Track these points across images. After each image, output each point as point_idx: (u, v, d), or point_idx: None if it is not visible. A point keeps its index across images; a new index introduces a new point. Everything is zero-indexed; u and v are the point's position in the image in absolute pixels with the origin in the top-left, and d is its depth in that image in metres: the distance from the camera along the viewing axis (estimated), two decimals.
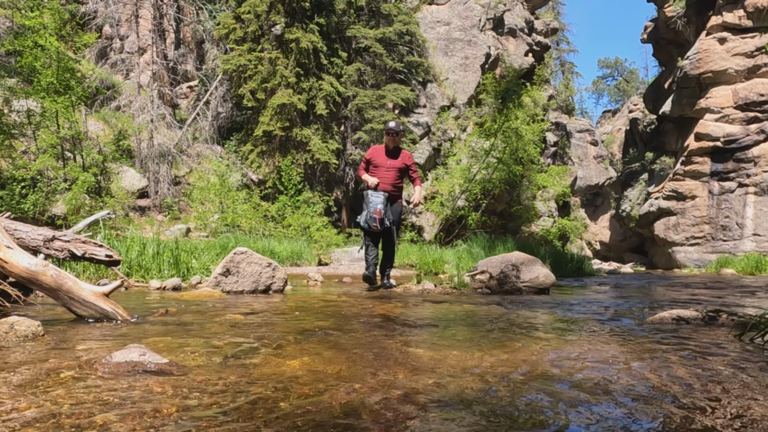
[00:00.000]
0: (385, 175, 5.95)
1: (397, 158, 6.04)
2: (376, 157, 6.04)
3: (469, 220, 16.85)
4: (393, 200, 6.01)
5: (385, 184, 5.94)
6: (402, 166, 6.04)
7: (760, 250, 21.84)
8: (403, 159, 6.07)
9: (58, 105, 10.79)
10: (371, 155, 6.09)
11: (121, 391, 1.56)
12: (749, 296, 6.59)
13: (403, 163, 6.05)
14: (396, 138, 6.04)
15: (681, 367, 2.10)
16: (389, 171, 5.97)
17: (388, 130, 6.02)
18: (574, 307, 4.58)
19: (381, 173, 5.96)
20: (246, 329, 2.79)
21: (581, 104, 61.95)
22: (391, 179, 5.99)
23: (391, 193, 5.94)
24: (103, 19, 18.89)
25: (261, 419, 1.36)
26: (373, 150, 6.17)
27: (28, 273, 2.96)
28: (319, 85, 16.79)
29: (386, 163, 5.98)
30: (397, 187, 6.08)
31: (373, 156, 6.08)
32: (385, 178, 5.96)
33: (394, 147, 6.08)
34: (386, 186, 5.93)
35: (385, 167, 5.96)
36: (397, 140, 6.07)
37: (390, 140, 6.03)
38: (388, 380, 1.79)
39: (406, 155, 6.15)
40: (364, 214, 5.75)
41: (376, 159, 6.02)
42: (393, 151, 6.08)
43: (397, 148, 6.12)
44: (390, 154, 6.06)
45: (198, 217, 14.42)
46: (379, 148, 6.14)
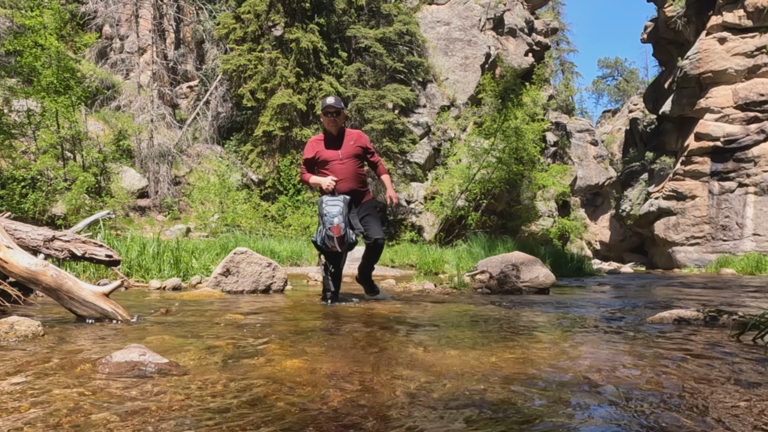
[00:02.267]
0: (341, 170, 4.44)
1: (346, 143, 4.55)
2: (321, 152, 4.50)
3: (469, 220, 16.85)
4: (359, 199, 4.54)
5: (346, 181, 4.42)
6: (358, 151, 4.55)
7: (760, 250, 21.84)
8: (355, 141, 4.57)
9: (58, 105, 10.80)
10: (312, 151, 4.53)
11: (121, 391, 1.56)
12: (749, 296, 6.59)
13: (357, 146, 4.55)
14: (338, 118, 4.48)
15: (681, 367, 2.10)
16: (344, 163, 4.46)
17: (325, 109, 4.43)
18: (574, 307, 4.58)
19: (336, 168, 4.44)
20: (246, 329, 2.79)
21: (581, 104, 61.98)
22: (351, 172, 4.48)
23: (355, 191, 4.49)
24: (103, 19, 18.88)
25: (261, 419, 1.36)
26: (312, 144, 4.57)
27: (28, 273, 2.96)
28: (319, 85, 16.79)
29: (337, 155, 4.47)
30: (362, 181, 4.61)
31: (315, 152, 4.52)
32: (344, 174, 4.43)
33: (338, 131, 4.54)
34: (348, 184, 4.42)
35: (338, 160, 4.46)
36: (339, 121, 4.50)
37: (330, 122, 4.47)
38: (388, 380, 1.79)
39: (355, 135, 4.63)
40: (321, 231, 4.22)
41: (322, 153, 4.49)
42: (338, 137, 4.54)
43: (341, 131, 4.58)
44: (336, 141, 4.52)
45: (198, 217, 14.43)
46: (317, 140, 4.59)
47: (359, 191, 4.55)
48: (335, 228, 4.12)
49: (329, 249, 4.23)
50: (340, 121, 4.54)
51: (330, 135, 4.54)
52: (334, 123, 4.49)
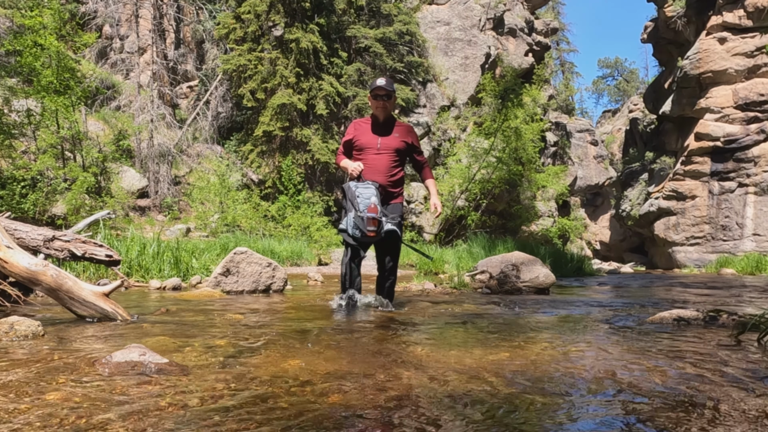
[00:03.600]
0: (374, 161, 3.92)
1: (391, 134, 4.00)
2: (360, 135, 4.02)
3: (469, 220, 16.85)
4: (388, 199, 3.97)
5: (376, 173, 3.89)
6: (401, 146, 3.98)
7: (760, 250, 21.84)
8: (401, 135, 4.01)
9: (58, 105, 10.79)
10: (353, 133, 4.07)
11: (121, 391, 1.56)
12: (750, 296, 6.59)
13: (402, 141, 3.99)
14: (388, 103, 3.96)
15: (680, 367, 2.10)
16: (380, 155, 3.92)
17: (374, 91, 3.92)
18: (574, 307, 4.58)
19: (369, 158, 3.94)
20: (246, 329, 2.79)
21: (581, 104, 61.98)
22: (385, 167, 3.92)
23: (385, 188, 3.92)
24: (103, 19, 18.88)
25: (261, 418, 1.36)
26: (356, 126, 4.13)
27: (28, 273, 2.96)
28: (319, 85, 16.79)
29: (375, 143, 3.95)
30: (394, 181, 3.99)
31: (356, 134, 4.05)
32: (376, 166, 3.91)
33: (385, 118, 4.00)
34: (377, 176, 3.89)
35: (375, 149, 3.94)
36: (389, 106, 3.99)
37: (378, 107, 3.94)
38: (388, 379, 1.79)
39: (405, 129, 4.10)
40: (350, 216, 3.75)
41: (361, 138, 4.00)
42: (385, 125, 4.01)
43: (390, 119, 4.06)
44: (380, 128, 4.00)
45: (198, 217, 14.43)
46: (362, 123, 4.14)
47: (389, 190, 3.94)
48: (372, 207, 3.60)
49: (363, 236, 3.68)
50: (391, 106, 4.02)
51: (376, 120, 4.03)
52: (383, 108, 3.96)
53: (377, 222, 3.62)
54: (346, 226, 3.77)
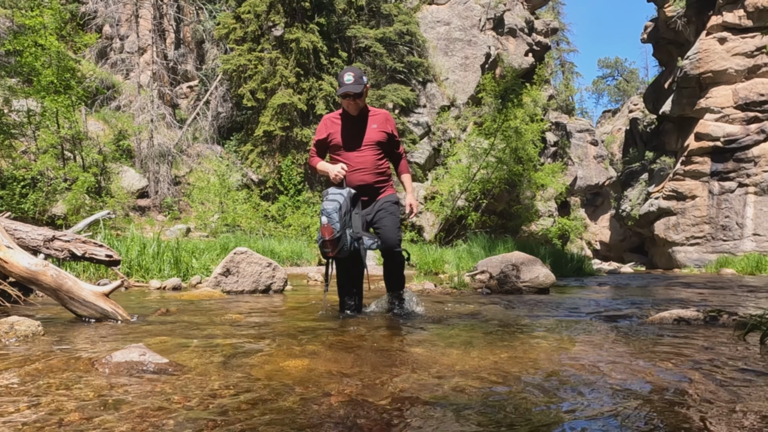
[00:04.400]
0: (359, 159, 3.57)
1: (368, 126, 3.62)
2: (335, 134, 3.63)
3: (469, 219, 16.85)
4: (374, 194, 3.63)
5: (362, 173, 3.55)
6: (383, 138, 3.62)
7: (760, 250, 21.84)
8: (379, 125, 3.63)
9: (58, 105, 10.80)
10: (324, 131, 3.68)
11: (121, 391, 1.56)
12: (750, 296, 6.59)
13: (381, 132, 3.62)
14: (359, 101, 3.55)
15: (680, 367, 2.10)
16: (363, 152, 3.58)
17: (343, 94, 3.51)
18: (574, 307, 4.58)
19: (352, 158, 3.58)
20: (246, 329, 2.79)
21: (581, 104, 61.99)
22: (371, 164, 3.58)
23: (371, 186, 3.59)
24: (103, 19, 18.88)
25: (261, 418, 1.36)
26: (326, 123, 3.71)
27: (28, 273, 2.96)
28: (319, 85, 16.79)
29: (356, 140, 3.60)
30: (381, 173, 3.65)
31: (330, 132, 3.65)
32: (361, 164, 3.56)
33: (360, 111, 3.63)
34: (363, 176, 3.55)
35: (356, 147, 3.59)
36: (360, 102, 3.58)
37: (350, 104, 3.57)
38: (388, 379, 1.79)
39: (381, 117, 3.68)
40: None
41: (337, 136, 3.62)
42: (360, 119, 3.63)
43: (364, 111, 3.66)
44: (356, 123, 3.62)
45: (198, 217, 14.43)
46: (333, 119, 3.71)
47: (375, 186, 3.62)
48: (324, 228, 3.23)
49: (324, 255, 3.42)
50: (362, 101, 3.61)
51: (347, 117, 3.65)
52: (354, 106, 3.58)
53: (334, 242, 3.24)
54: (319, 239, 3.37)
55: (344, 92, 3.50)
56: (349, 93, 3.49)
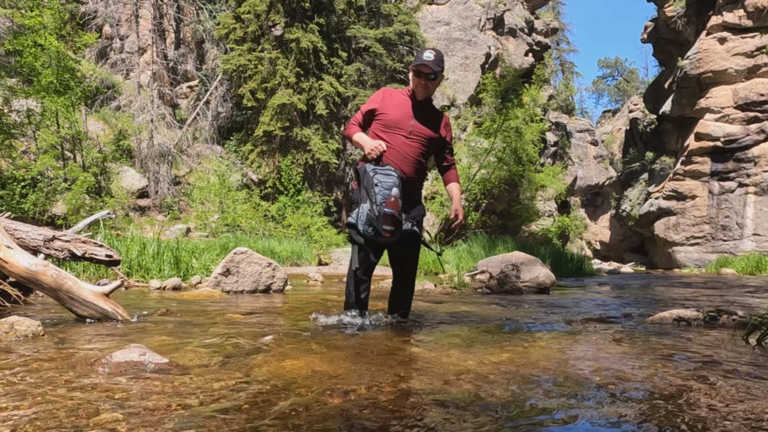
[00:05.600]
0: (402, 146, 3.09)
1: (426, 118, 3.19)
2: (389, 109, 3.16)
3: (469, 219, 16.85)
4: (411, 196, 3.18)
5: (402, 161, 3.07)
6: (435, 136, 3.20)
7: (760, 250, 21.84)
8: (438, 124, 3.24)
9: (58, 105, 10.80)
10: (381, 103, 3.20)
11: (121, 391, 1.56)
12: (750, 296, 6.59)
13: (437, 131, 3.22)
14: (432, 83, 3.14)
15: (680, 367, 2.10)
16: (411, 140, 3.11)
17: (419, 67, 3.07)
18: (574, 307, 4.58)
19: (396, 142, 3.09)
20: (246, 329, 2.79)
21: (581, 104, 61.96)
22: (414, 155, 3.12)
23: (410, 180, 3.12)
24: (103, 19, 18.88)
25: (261, 418, 1.36)
26: (386, 95, 3.25)
27: (28, 273, 2.96)
28: (319, 85, 16.79)
29: (408, 124, 3.12)
30: (421, 172, 3.21)
31: (384, 106, 3.18)
32: (403, 152, 3.09)
33: (426, 99, 3.20)
34: (403, 165, 3.07)
35: (405, 132, 3.11)
36: (432, 87, 3.17)
37: (420, 85, 3.12)
38: (389, 379, 1.79)
39: (444, 118, 3.30)
40: (363, 208, 2.92)
41: (390, 112, 3.15)
42: (422, 105, 3.20)
43: (429, 101, 3.24)
44: (416, 108, 3.17)
45: (198, 217, 14.43)
46: (395, 95, 3.25)
47: (413, 184, 3.17)
48: (392, 201, 2.79)
49: (376, 235, 2.86)
50: (433, 87, 3.19)
51: (413, 97, 3.19)
52: (424, 88, 3.13)
53: (397, 221, 2.82)
54: (356, 220, 2.93)
55: (420, 65, 3.06)
56: (425, 70, 3.06)
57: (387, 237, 2.85)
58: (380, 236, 2.86)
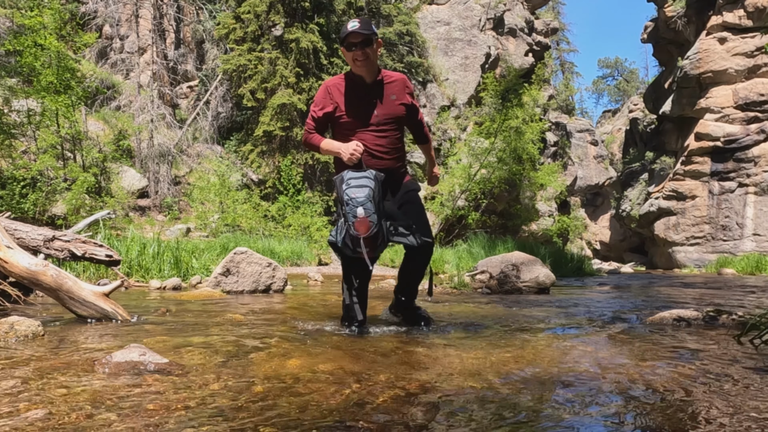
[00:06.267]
0: (376, 141, 2.77)
1: (386, 97, 2.80)
2: (345, 108, 2.78)
3: (469, 219, 16.85)
4: (398, 180, 2.91)
5: (381, 157, 2.79)
6: (402, 113, 2.85)
7: (760, 250, 21.83)
8: (398, 95, 2.83)
9: (58, 105, 10.79)
10: (329, 103, 2.80)
11: (121, 391, 1.56)
12: (750, 296, 6.59)
13: (401, 105, 2.84)
14: (369, 51, 2.71)
15: (680, 367, 2.10)
16: (382, 131, 2.79)
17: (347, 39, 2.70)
18: (574, 307, 4.59)
19: (368, 139, 2.76)
20: (246, 329, 2.79)
21: (581, 104, 61.96)
22: (389, 146, 2.81)
23: (392, 171, 2.85)
24: (103, 19, 18.88)
25: (261, 418, 1.36)
26: (329, 90, 2.83)
27: (28, 273, 2.96)
28: (319, 85, 16.78)
29: (372, 115, 2.76)
30: (400, 156, 2.93)
31: (334, 106, 2.79)
32: (377, 149, 2.78)
33: (373, 74, 2.80)
34: (383, 161, 2.79)
35: (374, 125, 2.77)
36: (373, 55, 2.74)
37: (358, 59, 2.72)
38: (388, 379, 1.79)
39: (398, 85, 2.87)
40: (338, 225, 2.67)
41: (348, 111, 2.78)
42: (375, 88, 2.80)
43: (377, 77, 2.83)
44: (371, 92, 2.79)
45: (198, 217, 14.43)
46: (337, 86, 2.83)
47: (397, 170, 2.87)
48: (360, 223, 2.48)
49: (354, 254, 2.62)
50: (374, 55, 2.73)
51: (362, 82, 2.77)
52: (364, 60, 2.70)
53: (371, 239, 2.53)
54: (336, 237, 2.65)
55: (348, 36, 2.66)
56: (354, 39, 2.64)
57: (370, 256, 2.60)
58: (359, 256, 2.61)
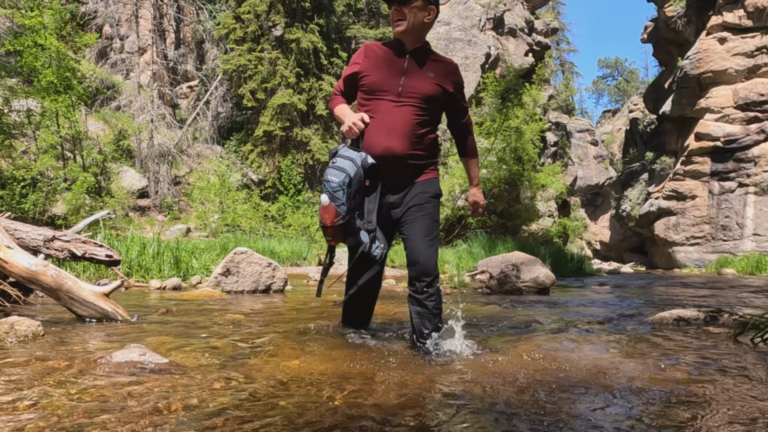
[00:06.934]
0: (390, 114, 2.39)
1: (421, 71, 2.45)
2: (371, 69, 2.46)
3: (469, 219, 16.85)
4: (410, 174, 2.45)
5: (391, 134, 2.37)
6: (435, 92, 2.43)
7: (760, 250, 21.83)
8: (438, 75, 2.45)
9: (59, 105, 10.79)
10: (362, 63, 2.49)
11: (121, 391, 1.56)
12: (750, 296, 6.59)
13: (436, 85, 2.43)
14: (410, 10, 2.38)
15: (679, 367, 2.10)
16: (402, 104, 2.39)
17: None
18: (574, 307, 4.58)
19: (383, 110, 2.40)
20: (246, 329, 2.79)
21: (581, 104, 61.94)
22: (406, 123, 2.39)
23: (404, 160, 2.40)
24: (103, 19, 18.88)
25: (261, 418, 1.36)
26: (367, 52, 2.52)
27: (28, 273, 2.95)
28: (320, 85, 16.79)
29: (396, 85, 2.41)
30: (422, 145, 2.45)
31: (365, 67, 2.47)
32: (391, 123, 2.38)
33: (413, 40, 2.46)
34: (392, 140, 2.37)
35: (393, 94, 2.40)
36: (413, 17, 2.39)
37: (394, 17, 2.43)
38: (388, 379, 1.79)
39: (444, 67, 2.51)
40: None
41: (373, 74, 2.45)
42: (418, 56, 2.47)
43: (422, 48, 2.50)
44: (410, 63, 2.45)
45: (198, 217, 14.43)
46: (378, 50, 2.51)
47: (410, 163, 2.41)
48: (325, 210, 2.23)
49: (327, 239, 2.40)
50: (414, 18, 2.39)
51: (400, 47, 2.45)
52: (400, 21, 2.40)
53: (335, 230, 2.26)
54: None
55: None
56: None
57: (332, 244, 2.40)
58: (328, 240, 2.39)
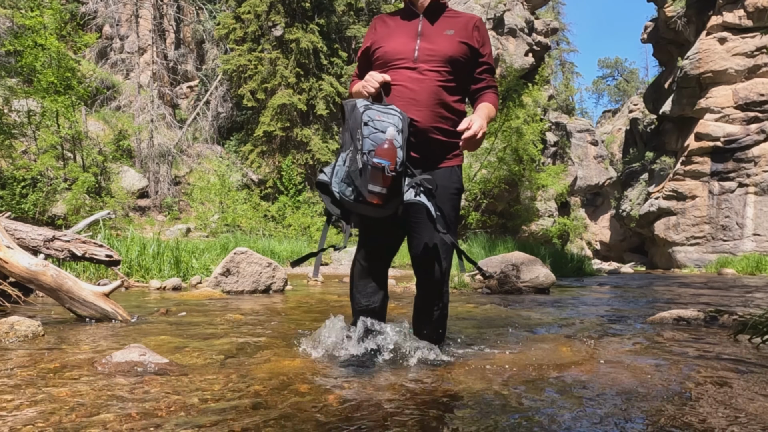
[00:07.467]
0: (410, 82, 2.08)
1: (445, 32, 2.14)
2: (382, 39, 2.20)
3: (469, 219, 16.85)
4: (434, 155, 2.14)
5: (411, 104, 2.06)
6: (459, 53, 2.12)
7: (760, 250, 21.84)
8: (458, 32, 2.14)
9: (59, 105, 10.79)
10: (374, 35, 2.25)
11: (121, 391, 1.56)
12: (750, 296, 6.59)
13: (459, 42, 2.12)
14: None
15: (679, 367, 2.10)
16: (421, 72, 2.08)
17: None
18: (574, 307, 4.58)
19: (400, 78, 2.09)
20: (246, 329, 2.79)
21: (581, 104, 61.95)
22: (428, 92, 2.08)
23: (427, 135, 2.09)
24: (103, 19, 18.88)
25: (261, 419, 1.36)
26: (379, 23, 2.28)
27: (28, 273, 2.96)
28: (320, 86, 16.80)
29: (412, 49, 2.11)
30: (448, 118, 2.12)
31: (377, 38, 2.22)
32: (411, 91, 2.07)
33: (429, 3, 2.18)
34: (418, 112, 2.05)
35: (410, 61, 2.10)
36: None
37: None
38: (388, 379, 1.79)
39: (464, 22, 2.18)
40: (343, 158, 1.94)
41: (385, 43, 2.18)
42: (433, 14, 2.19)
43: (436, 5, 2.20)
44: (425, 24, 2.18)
45: (198, 217, 14.44)
46: (387, 18, 2.28)
47: (432, 137, 2.11)
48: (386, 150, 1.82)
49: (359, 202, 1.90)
50: None
51: (409, 10, 2.22)
52: None
53: (390, 180, 1.82)
54: (330, 176, 1.95)
55: None
56: None
57: (374, 204, 1.86)
58: (362, 202, 1.88)
